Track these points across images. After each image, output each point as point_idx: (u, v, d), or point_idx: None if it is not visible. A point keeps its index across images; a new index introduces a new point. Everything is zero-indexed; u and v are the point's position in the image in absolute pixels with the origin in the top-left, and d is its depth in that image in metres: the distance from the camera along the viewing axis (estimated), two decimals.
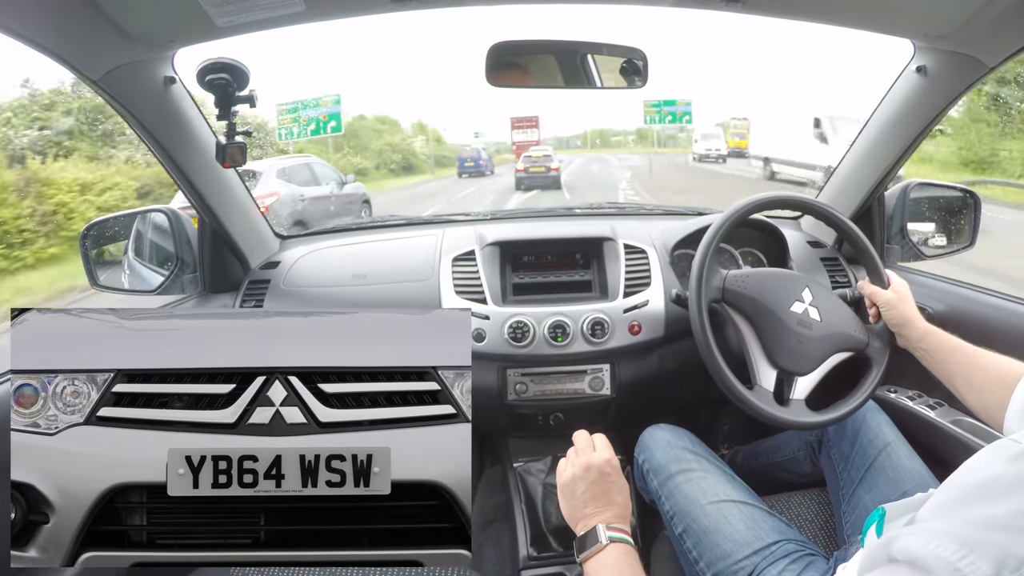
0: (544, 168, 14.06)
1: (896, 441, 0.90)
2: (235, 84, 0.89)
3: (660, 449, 0.94)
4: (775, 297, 0.93)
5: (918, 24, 0.91)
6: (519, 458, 1.20)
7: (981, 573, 0.31)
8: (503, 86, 1.01)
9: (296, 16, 0.82)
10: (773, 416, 0.88)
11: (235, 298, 1.20)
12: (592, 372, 1.14)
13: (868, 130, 1.20)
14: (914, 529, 0.38)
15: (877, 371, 0.93)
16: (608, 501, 0.69)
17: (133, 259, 1.26)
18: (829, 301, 0.95)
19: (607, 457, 0.72)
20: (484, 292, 1.12)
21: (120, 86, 0.87)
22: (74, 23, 0.74)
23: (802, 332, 0.91)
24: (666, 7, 0.93)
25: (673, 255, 1.21)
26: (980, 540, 0.32)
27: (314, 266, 1.27)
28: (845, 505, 0.90)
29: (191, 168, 1.04)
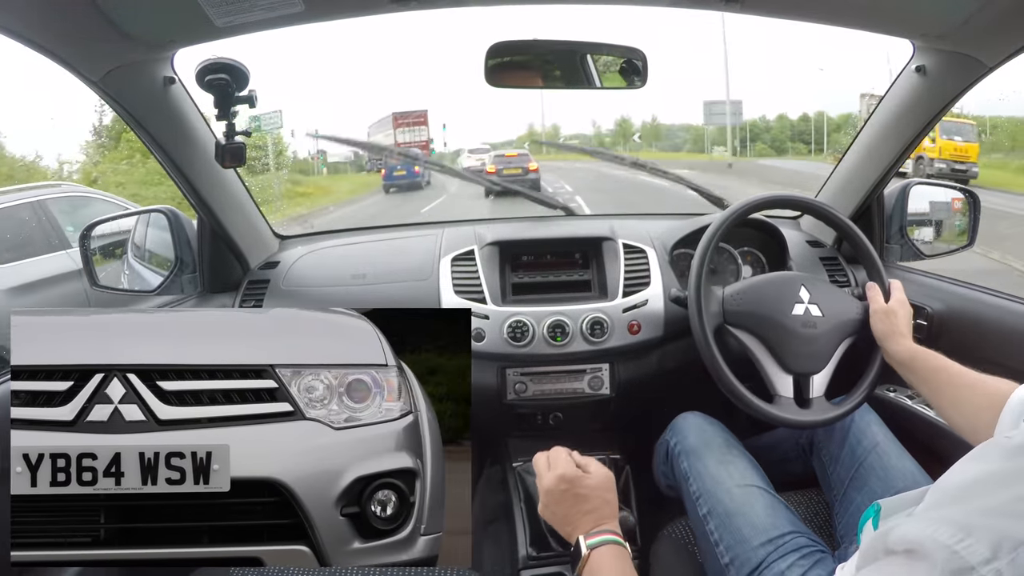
0: (520, 169, 11.82)
1: (885, 441, 0.90)
2: (234, 84, 0.89)
3: (693, 432, 0.96)
4: (776, 306, 0.92)
5: (917, 24, 0.91)
6: (518, 458, 1.20)
7: (979, 555, 0.31)
8: (502, 86, 1.02)
9: (295, 17, 0.82)
10: (802, 422, 0.90)
11: (235, 298, 1.20)
12: (591, 372, 1.14)
13: (868, 129, 1.20)
14: (911, 519, 0.38)
15: (880, 359, 0.93)
16: (578, 511, 0.69)
17: (133, 259, 1.26)
18: (826, 293, 0.95)
19: (559, 473, 0.71)
20: (483, 292, 1.12)
21: (120, 87, 0.87)
22: (74, 24, 0.74)
23: (808, 333, 0.91)
24: (664, 7, 0.93)
25: (672, 255, 1.21)
26: (978, 525, 0.33)
27: (314, 266, 1.27)
28: (838, 506, 0.90)
29: (190, 168, 1.04)
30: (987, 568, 0.30)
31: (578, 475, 0.71)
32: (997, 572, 0.30)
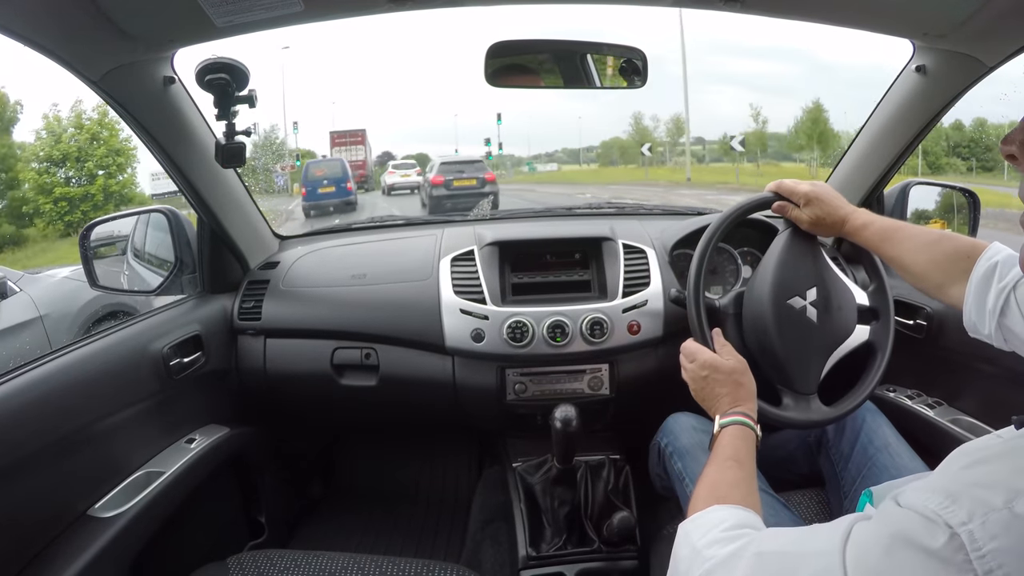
0: (475, 180, 9.37)
1: (896, 442, 0.90)
2: (234, 84, 0.89)
3: (685, 433, 0.96)
4: (776, 305, 0.92)
5: (917, 24, 0.91)
6: (518, 458, 1.20)
7: (957, 517, 0.37)
8: (502, 86, 1.02)
9: (295, 16, 0.82)
10: (805, 422, 0.89)
11: (234, 298, 1.20)
12: (591, 372, 1.14)
13: (868, 129, 1.20)
14: (912, 488, 0.42)
15: (882, 357, 0.93)
16: (718, 394, 0.79)
17: (132, 259, 1.26)
18: (828, 291, 0.94)
19: (701, 360, 0.82)
20: (483, 292, 1.12)
21: (119, 86, 0.87)
22: (73, 23, 0.74)
23: (809, 332, 0.91)
24: (665, 7, 0.93)
25: (672, 255, 1.21)
26: (962, 493, 0.38)
27: (313, 266, 1.27)
28: (847, 503, 0.90)
29: (190, 168, 1.04)
30: (963, 528, 0.36)
31: (717, 361, 0.81)
32: (970, 532, 0.36)
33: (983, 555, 0.35)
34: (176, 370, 1.00)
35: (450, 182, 9.27)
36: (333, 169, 11.28)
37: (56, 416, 0.77)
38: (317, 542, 1.41)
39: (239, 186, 1.20)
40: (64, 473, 0.79)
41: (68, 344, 0.86)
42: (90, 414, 0.83)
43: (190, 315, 1.11)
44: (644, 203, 2.28)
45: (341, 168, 11.36)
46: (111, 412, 0.87)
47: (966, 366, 1.02)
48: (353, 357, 1.18)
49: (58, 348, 0.84)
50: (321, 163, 12.39)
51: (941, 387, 1.09)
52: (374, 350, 1.17)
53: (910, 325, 1.11)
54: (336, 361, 1.18)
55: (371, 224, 1.60)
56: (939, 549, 0.36)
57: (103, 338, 0.92)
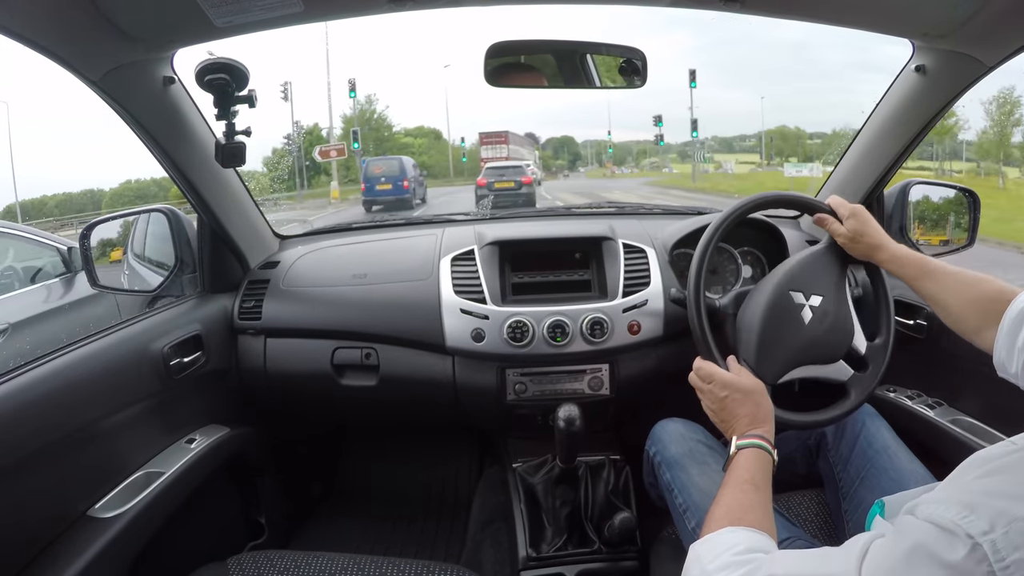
0: (513, 183, 10.62)
1: (896, 445, 0.90)
2: (234, 84, 0.89)
3: (674, 442, 0.95)
4: (777, 305, 0.91)
5: (917, 24, 0.91)
6: (518, 458, 1.20)
7: (978, 528, 0.36)
8: (502, 86, 1.02)
9: (295, 16, 0.82)
10: (805, 423, 0.89)
11: (235, 298, 1.20)
12: (591, 372, 1.14)
13: (867, 129, 1.20)
14: (929, 500, 0.42)
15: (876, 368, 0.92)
16: (735, 415, 0.77)
17: (133, 259, 1.26)
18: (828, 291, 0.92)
19: (721, 380, 0.80)
20: (483, 292, 1.12)
21: (119, 86, 0.87)
22: (73, 24, 0.74)
23: (810, 333, 0.89)
24: (664, 7, 0.93)
25: (672, 254, 1.21)
26: (980, 504, 0.37)
27: (314, 266, 1.27)
28: (846, 504, 0.90)
29: (190, 168, 1.04)
30: (984, 538, 0.35)
31: (736, 382, 0.79)
32: (992, 543, 0.35)
33: (1007, 565, 0.34)
34: (176, 370, 1.00)
35: (492, 184, 10.52)
36: (391, 167, 11.51)
37: (56, 416, 0.77)
38: (317, 543, 1.41)
39: (239, 186, 1.20)
40: (64, 473, 0.79)
41: (69, 344, 0.86)
42: (90, 414, 0.83)
43: (190, 315, 1.11)
44: (644, 203, 2.28)
45: (399, 167, 11.54)
46: (111, 412, 0.87)
47: (966, 367, 1.01)
48: (353, 357, 1.18)
49: (58, 348, 0.84)
50: (379, 161, 12.45)
51: (941, 387, 1.09)
52: (374, 350, 1.17)
53: (910, 325, 1.11)
54: (336, 361, 1.18)
55: (371, 224, 1.60)
56: (959, 561, 0.35)
57: (103, 338, 0.92)
